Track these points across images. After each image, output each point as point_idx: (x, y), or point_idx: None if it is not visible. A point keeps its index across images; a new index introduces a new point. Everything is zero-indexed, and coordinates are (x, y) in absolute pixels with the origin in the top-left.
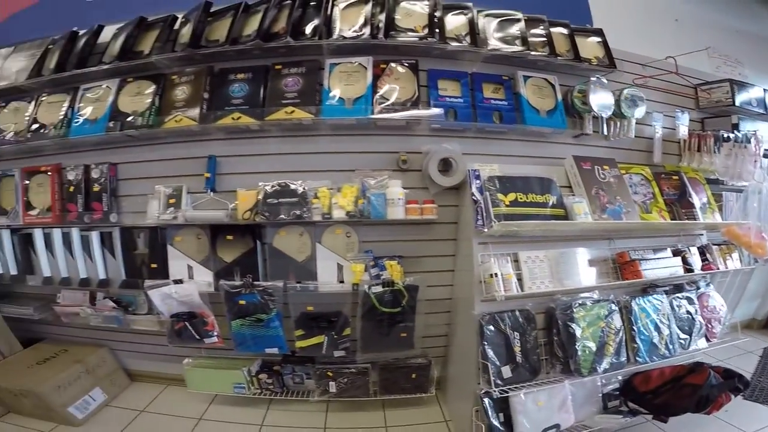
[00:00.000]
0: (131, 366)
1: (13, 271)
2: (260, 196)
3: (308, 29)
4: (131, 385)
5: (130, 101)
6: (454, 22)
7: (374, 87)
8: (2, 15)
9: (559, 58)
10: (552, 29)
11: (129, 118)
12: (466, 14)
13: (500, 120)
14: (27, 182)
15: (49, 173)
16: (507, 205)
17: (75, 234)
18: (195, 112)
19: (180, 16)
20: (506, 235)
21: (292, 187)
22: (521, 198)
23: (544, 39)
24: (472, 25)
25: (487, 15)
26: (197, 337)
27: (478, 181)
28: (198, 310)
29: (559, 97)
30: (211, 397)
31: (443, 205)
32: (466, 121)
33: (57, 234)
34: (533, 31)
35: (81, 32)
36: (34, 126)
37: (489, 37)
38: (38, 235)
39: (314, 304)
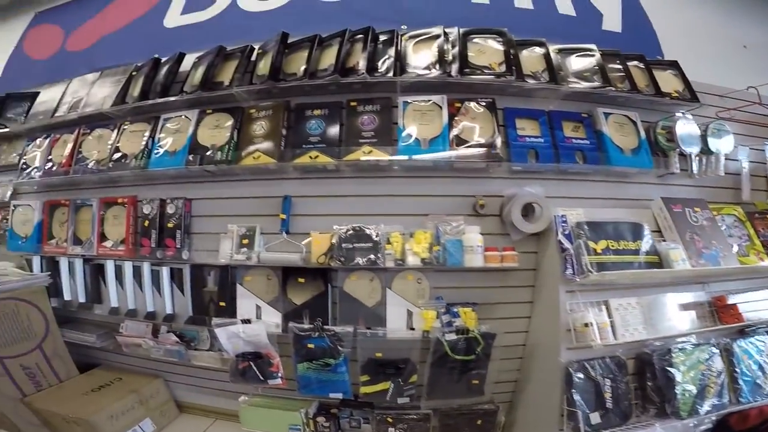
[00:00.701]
0: (182, 397)
1: (82, 299)
2: (334, 240)
3: (381, 65)
4: (180, 416)
5: (209, 134)
6: (530, 58)
7: (450, 127)
8: (90, 40)
9: (640, 93)
10: (627, 63)
11: (208, 152)
12: (540, 50)
13: (584, 160)
14: (103, 213)
15: (126, 205)
16: (598, 253)
17: (146, 268)
18: (273, 149)
19: (256, 47)
20: (596, 283)
21: (367, 232)
22: (613, 245)
23: (622, 73)
24: (548, 61)
25: (561, 50)
26: (261, 377)
27: (565, 228)
28: (264, 350)
29: (642, 134)
30: None
31: (521, 252)
32: (548, 162)
33: (128, 267)
34: (610, 65)
35: (163, 59)
36: (116, 155)
37: (567, 74)
38: (110, 267)
39: (383, 350)
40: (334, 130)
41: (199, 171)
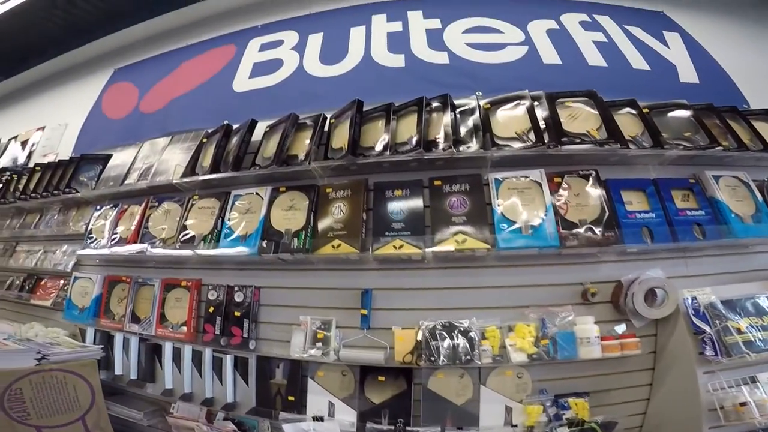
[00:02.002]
0: None
1: (133, 375)
2: (420, 337)
3: (468, 137)
4: None
5: (284, 217)
6: (624, 120)
7: (554, 206)
8: (162, 102)
9: (748, 149)
10: (723, 116)
11: (283, 239)
12: (631, 110)
13: (702, 235)
14: (165, 294)
15: (189, 289)
16: (742, 332)
17: (207, 354)
18: (354, 237)
19: (328, 115)
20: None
21: (460, 327)
22: (756, 322)
23: (722, 128)
24: (646, 122)
25: (652, 109)
26: None
27: (697, 310)
28: None
29: (759, 196)
30: None
31: (640, 336)
32: (665, 241)
33: (187, 350)
34: (706, 120)
35: (234, 126)
36: (184, 235)
37: (668, 135)
38: (167, 348)
39: None
40: (418, 214)
41: (271, 258)
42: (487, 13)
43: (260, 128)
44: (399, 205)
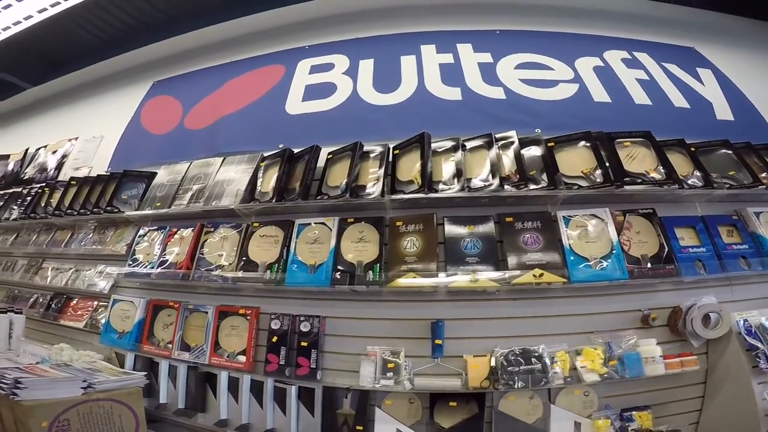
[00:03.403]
0: None
1: (181, 405)
2: (494, 363)
3: (537, 175)
4: None
5: (354, 248)
6: (676, 160)
7: (620, 243)
8: (209, 119)
9: None
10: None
11: (356, 271)
12: (683, 150)
13: (748, 266)
14: (219, 323)
15: (248, 317)
16: None
17: (269, 384)
18: (429, 270)
19: (391, 146)
20: None
21: (534, 353)
22: None
23: (761, 166)
24: (695, 162)
25: (698, 148)
26: None
27: (749, 330)
28: None
29: None
30: None
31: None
32: (716, 272)
33: (246, 380)
34: (746, 159)
35: (296, 151)
36: (245, 263)
37: (714, 175)
38: (223, 377)
39: None
40: (492, 249)
41: (339, 289)
42: (535, 50)
43: (321, 154)
44: (472, 240)
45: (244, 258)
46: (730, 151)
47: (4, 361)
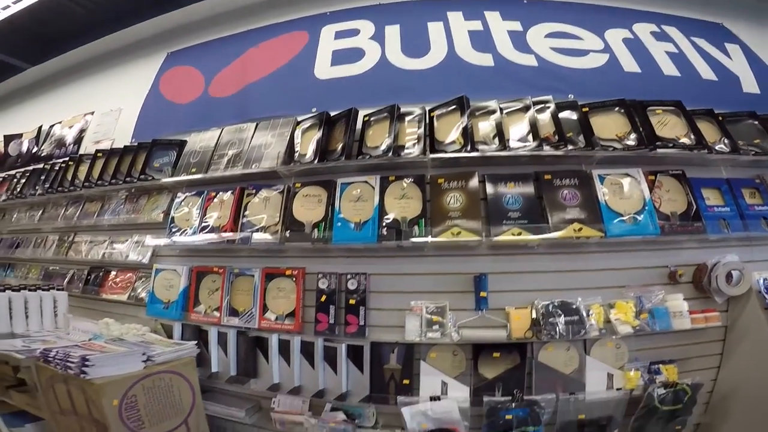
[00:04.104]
0: None
1: (233, 372)
2: (535, 315)
3: (575, 137)
4: None
5: (398, 205)
6: (705, 128)
7: (652, 200)
8: (235, 86)
9: None
10: None
11: (401, 227)
12: (712, 119)
13: None
14: (266, 285)
15: (294, 278)
16: None
17: (319, 344)
18: (474, 224)
19: (427, 108)
20: None
21: (572, 305)
22: None
23: None
24: (723, 129)
25: (725, 118)
26: None
27: (767, 286)
28: (450, 426)
29: None
30: None
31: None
32: (739, 231)
33: (297, 341)
34: None
35: (332, 114)
36: (289, 222)
37: (741, 143)
38: (274, 340)
39: (585, 412)
40: (533, 205)
41: (382, 245)
42: (564, 20)
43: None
44: (513, 196)
45: (289, 218)
46: (756, 122)
47: (58, 340)
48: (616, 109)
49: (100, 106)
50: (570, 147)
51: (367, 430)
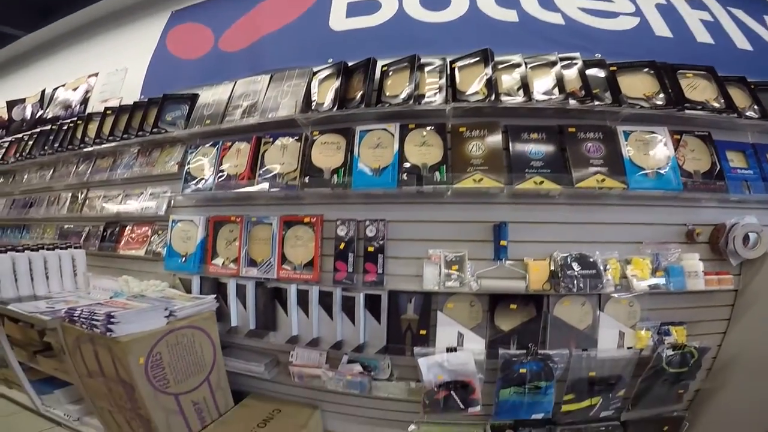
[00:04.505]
0: (331, 427)
1: (252, 326)
2: (553, 267)
3: (601, 93)
4: None
5: (418, 152)
6: (735, 94)
7: (676, 159)
8: (247, 40)
9: None
10: None
11: (422, 172)
12: (742, 86)
13: None
14: (284, 233)
15: (313, 226)
16: None
17: (338, 294)
18: (496, 172)
19: (449, 59)
20: None
21: (590, 258)
22: None
23: None
24: (754, 97)
25: (757, 86)
26: (461, 406)
27: None
28: (466, 378)
29: None
30: None
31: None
32: (760, 192)
33: (315, 292)
34: None
35: (350, 64)
36: (308, 169)
37: None
38: (292, 291)
39: (596, 369)
40: (556, 155)
41: (399, 191)
42: None
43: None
44: (536, 147)
45: (308, 165)
46: None
47: (80, 300)
48: (645, 70)
49: (105, 67)
50: (597, 102)
51: (382, 383)
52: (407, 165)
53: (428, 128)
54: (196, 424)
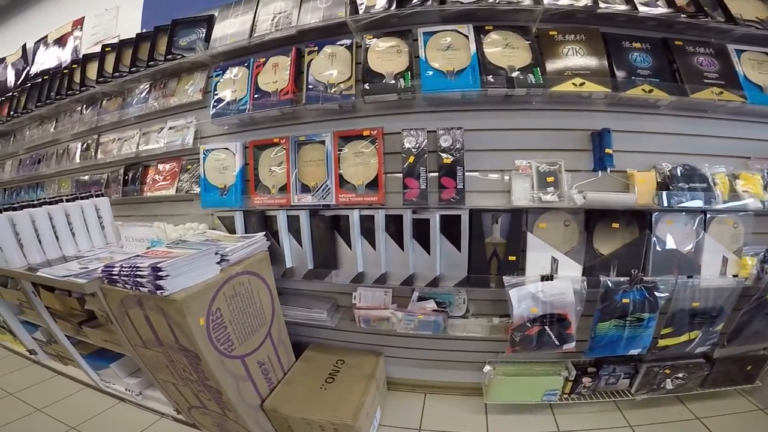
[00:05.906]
0: (389, 373)
1: (310, 265)
2: (660, 179)
3: (708, 9)
4: (387, 395)
5: (500, 53)
6: None
7: None
8: None
9: None
10: None
11: (510, 74)
12: None
13: None
14: (341, 151)
15: (374, 139)
16: None
17: (408, 218)
18: (599, 76)
19: None
20: None
21: (700, 171)
22: None
23: None
24: None
25: None
26: (557, 342)
27: None
28: (562, 311)
29: None
30: (479, 407)
31: None
32: None
33: (381, 216)
34: None
35: None
36: (366, 74)
37: None
38: (355, 218)
39: (700, 300)
40: (664, 67)
41: (479, 96)
42: None
43: None
44: (641, 55)
45: (365, 71)
46: None
47: (115, 255)
48: None
49: (90, 9)
50: (709, 18)
51: (458, 320)
52: (490, 67)
53: (508, 30)
54: (265, 387)
